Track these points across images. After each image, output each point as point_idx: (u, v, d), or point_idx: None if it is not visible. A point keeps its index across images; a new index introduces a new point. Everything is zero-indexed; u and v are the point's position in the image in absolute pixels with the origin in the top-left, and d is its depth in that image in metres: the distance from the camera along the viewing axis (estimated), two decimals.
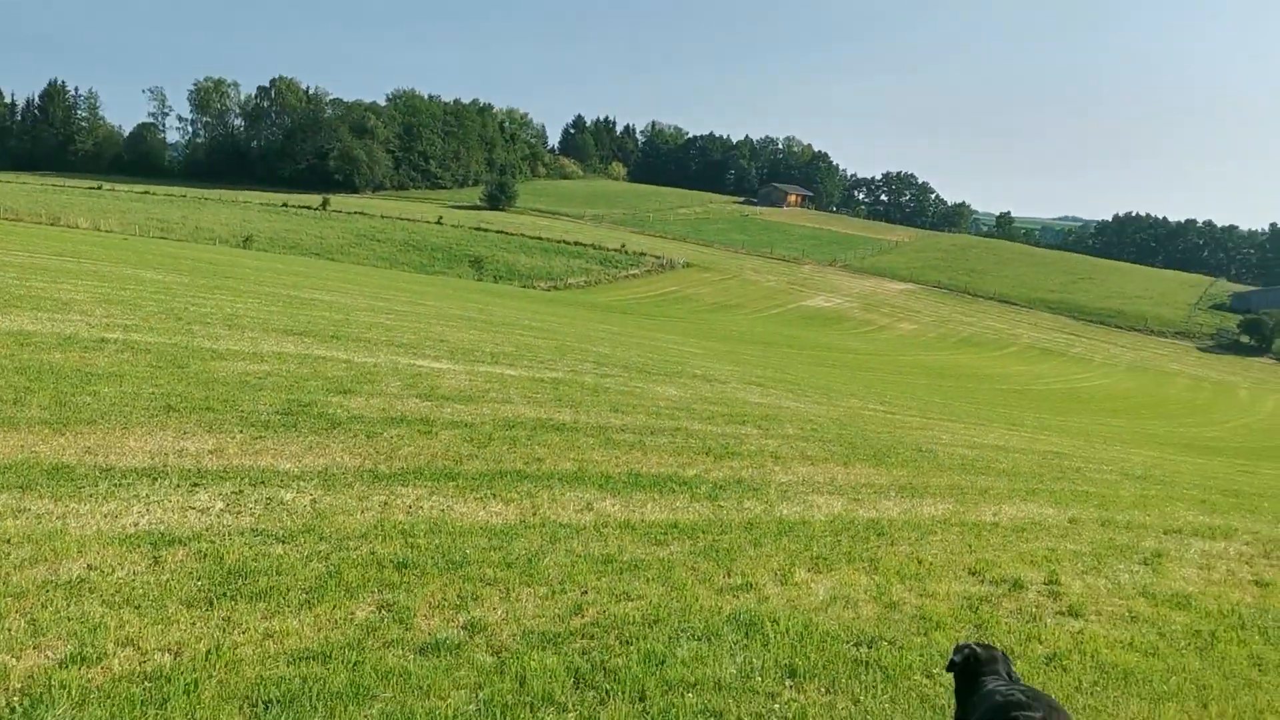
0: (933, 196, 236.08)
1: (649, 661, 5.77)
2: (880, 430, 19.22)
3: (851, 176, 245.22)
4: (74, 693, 4.54)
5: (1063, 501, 13.52)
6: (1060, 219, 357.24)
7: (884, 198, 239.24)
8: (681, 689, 5.47)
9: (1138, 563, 10.28)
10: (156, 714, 4.45)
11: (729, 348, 42.70)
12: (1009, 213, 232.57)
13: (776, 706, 5.44)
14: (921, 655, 6.55)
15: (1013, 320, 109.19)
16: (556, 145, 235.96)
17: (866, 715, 5.52)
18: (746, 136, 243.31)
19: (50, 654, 4.94)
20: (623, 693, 5.31)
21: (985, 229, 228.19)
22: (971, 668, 4.66)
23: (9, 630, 5.11)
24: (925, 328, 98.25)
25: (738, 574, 7.86)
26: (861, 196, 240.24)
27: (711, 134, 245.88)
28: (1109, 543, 11.04)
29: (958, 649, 4.80)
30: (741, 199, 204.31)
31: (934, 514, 11.46)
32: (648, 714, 5.11)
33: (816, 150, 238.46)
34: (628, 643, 6.03)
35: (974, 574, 8.93)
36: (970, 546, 9.99)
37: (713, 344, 43.94)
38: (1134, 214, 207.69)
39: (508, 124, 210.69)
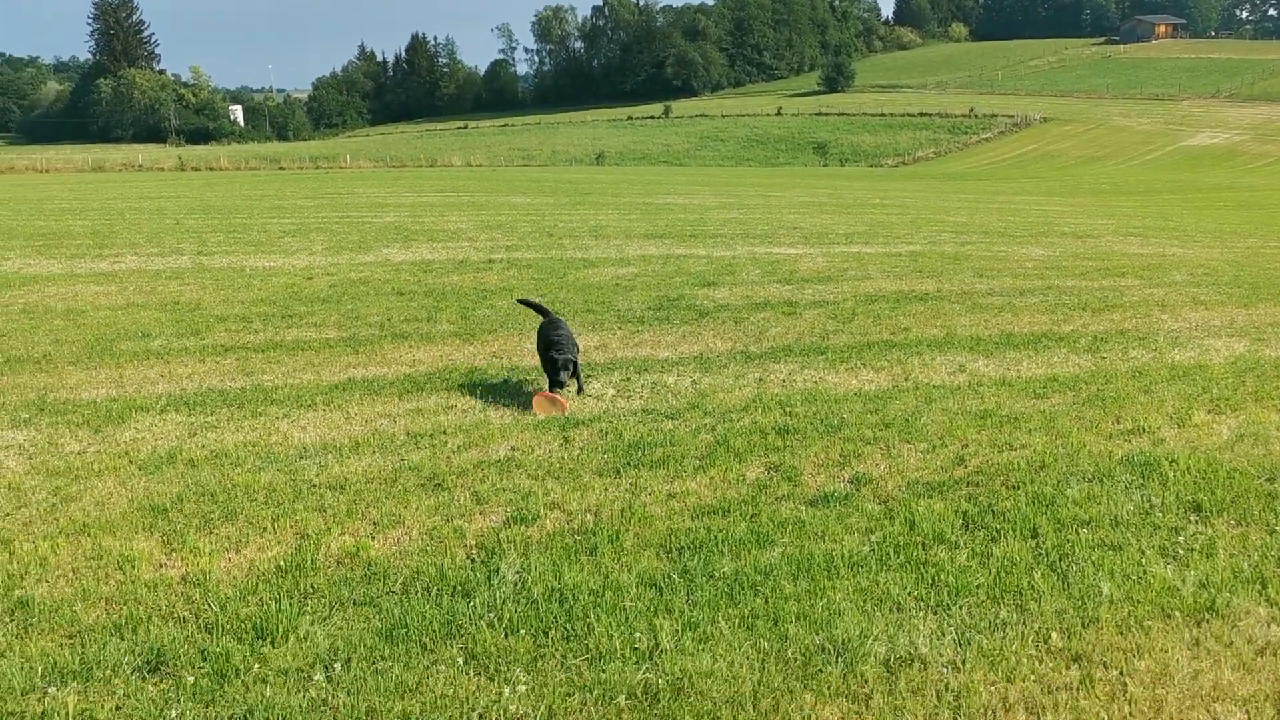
0: None
1: (1038, 503, 5.75)
2: None
3: None
4: (519, 545, 5.26)
5: None
6: None
7: (1272, 12, 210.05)
8: (1075, 526, 5.43)
9: None
10: (589, 560, 5.07)
11: (1100, 202, 39.71)
12: None
13: (1182, 539, 5.27)
14: None
15: None
16: (890, 16, 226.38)
17: None
18: None
19: (494, 517, 5.72)
20: (1014, 531, 5.36)
21: None
22: None
23: (459, 501, 5.96)
24: None
25: (1127, 420, 7.56)
26: (1245, 15, 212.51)
27: None
28: None
29: None
30: (1101, 39, 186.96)
31: None
32: (1041, 549, 5.13)
33: None
34: (1014, 488, 6.04)
35: None
36: None
37: (1081, 199, 41.04)
38: None
39: (838, 2, 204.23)
